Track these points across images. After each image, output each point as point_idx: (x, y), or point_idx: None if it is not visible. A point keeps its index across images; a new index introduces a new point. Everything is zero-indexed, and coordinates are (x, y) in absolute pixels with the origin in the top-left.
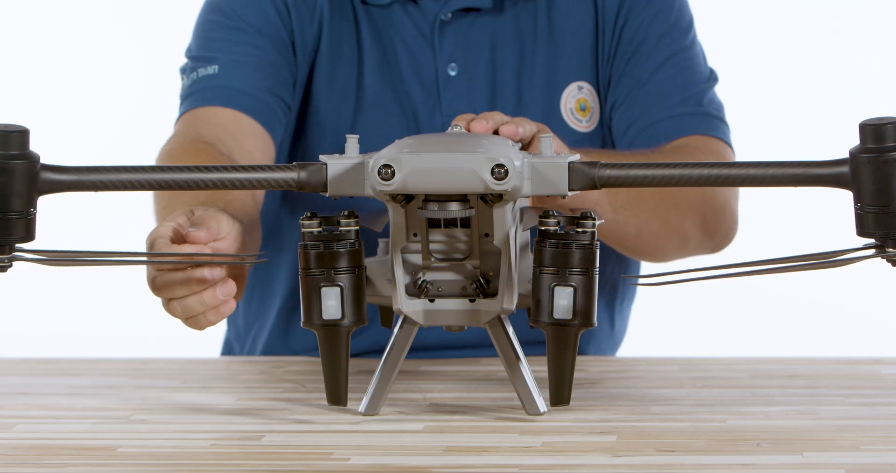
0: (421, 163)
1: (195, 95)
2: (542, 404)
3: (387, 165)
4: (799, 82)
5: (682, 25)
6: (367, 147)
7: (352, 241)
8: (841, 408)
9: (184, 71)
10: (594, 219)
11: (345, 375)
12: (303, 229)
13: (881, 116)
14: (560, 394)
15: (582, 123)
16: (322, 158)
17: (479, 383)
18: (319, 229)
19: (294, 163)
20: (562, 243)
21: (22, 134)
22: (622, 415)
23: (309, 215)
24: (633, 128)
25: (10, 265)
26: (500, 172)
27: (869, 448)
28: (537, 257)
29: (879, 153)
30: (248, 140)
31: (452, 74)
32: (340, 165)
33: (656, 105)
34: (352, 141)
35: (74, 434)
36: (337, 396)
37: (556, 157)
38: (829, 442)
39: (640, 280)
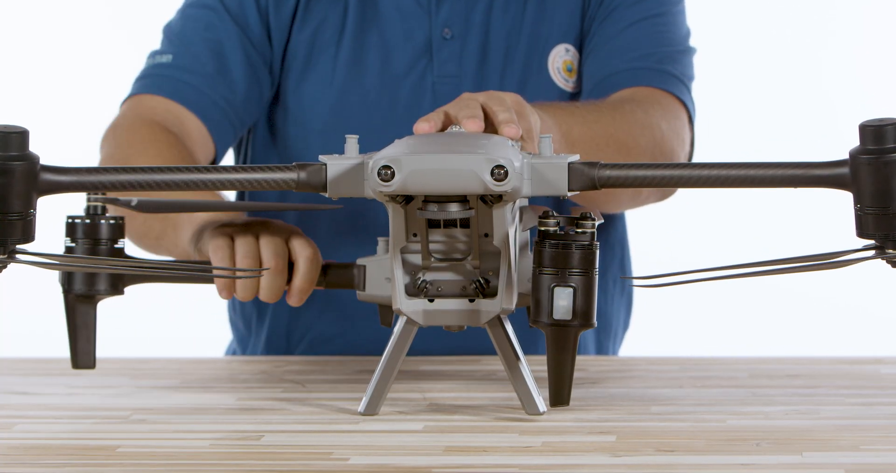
0: (420, 164)
1: (145, 80)
2: (541, 404)
3: (386, 167)
4: (798, 83)
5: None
6: (341, 106)
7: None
8: (841, 408)
9: (150, 55)
10: (594, 219)
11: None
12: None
13: (881, 118)
14: (559, 395)
15: (569, 83)
16: (322, 158)
17: (479, 383)
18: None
19: (294, 163)
20: (561, 244)
21: (21, 135)
22: (622, 415)
23: None
24: (592, 80)
25: (5, 266)
26: (499, 173)
27: (869, 448)
28: (537, 258)
29: (879, 154)
30: (192, 135)
31: (447, 37)
32: (340, 165)
33: (616, 58)
34: (351, 141)
35: (74, 434)
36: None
37: (555, 157)
38: (829, 442)
39: (639, 282)
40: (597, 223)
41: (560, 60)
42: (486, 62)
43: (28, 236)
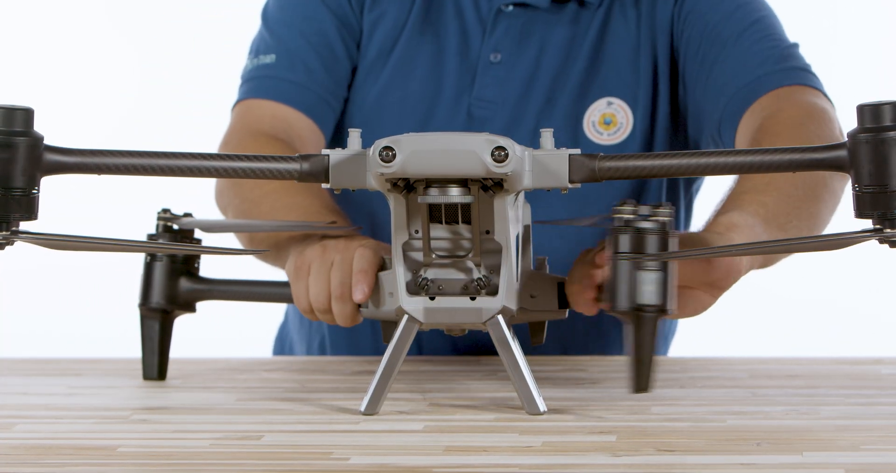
0: (421, 144)
1: (251, 83)
2: (541, 403)
3: (388, 147)
4: None
5: (753, 5)
6: (380, 102)
7: None
8: (841, 408)
9: (250, 50)
10: (669, 208)
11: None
12: None
13: (879, 100)
14: (643, 381)
15: (603, 135)
16: (324, 150)
17: (479, 383)
18: None
19: (297, 154)
20: (639, 230)
21: (26, 112)
22: (622, 415)
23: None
24: (724, 95)
25: (11, 243)
26: (500, 154)
27: (869, 448)
28: (614, 245)
29: (877, 133)
30: (302, 134)
31: (494, 61)
32: (342, 156)
33: (745, 68)
34: (354, 135)
35: (74, 434)
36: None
37: (556, 149)
38: (829, 442)
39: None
40: (671, 212)
41: (598, 114)
42: (528, 98)
43: (31, 214)
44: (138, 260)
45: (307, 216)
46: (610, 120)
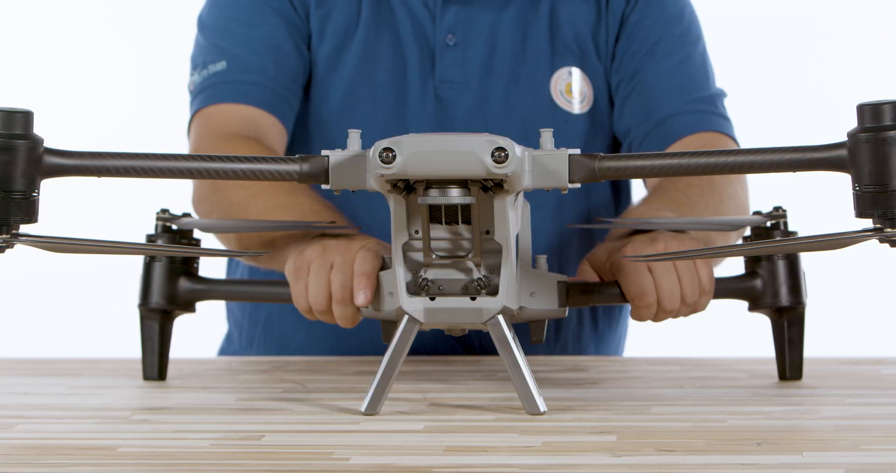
0: (421, 146)
1: (207, 92)
2: (542, 403)
3: (388, 149)
4: (798, 76)
5: (693, 33)
6: (350, 96)
7: None
8: (841, 408)
9: (195, 64)
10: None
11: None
12: None
13: (879, 99)
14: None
15: (573, 104)
16: (324, 151)
17: (479, 383)
18: None
19: (297, 155)
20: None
21: (26, 115)
22: (622, 415)
23: None
24: (649, 121)
25: (11, 246)
26: (500, 155)
27: (869, 448)
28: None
29: (877, 132)
30: (268, 133)
31: (450, 43)
32: (342, 157)
33: (673, 100)
34: (354, 135)
35: (74, 434)
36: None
37: (556, 150)
38: (829, 442)
39: (635, 258)
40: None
41: (563, 83)
42: (490, 74)
43: (31, 217)
44: (138, 261)
45: (302, 215)
46: (575, 89)
